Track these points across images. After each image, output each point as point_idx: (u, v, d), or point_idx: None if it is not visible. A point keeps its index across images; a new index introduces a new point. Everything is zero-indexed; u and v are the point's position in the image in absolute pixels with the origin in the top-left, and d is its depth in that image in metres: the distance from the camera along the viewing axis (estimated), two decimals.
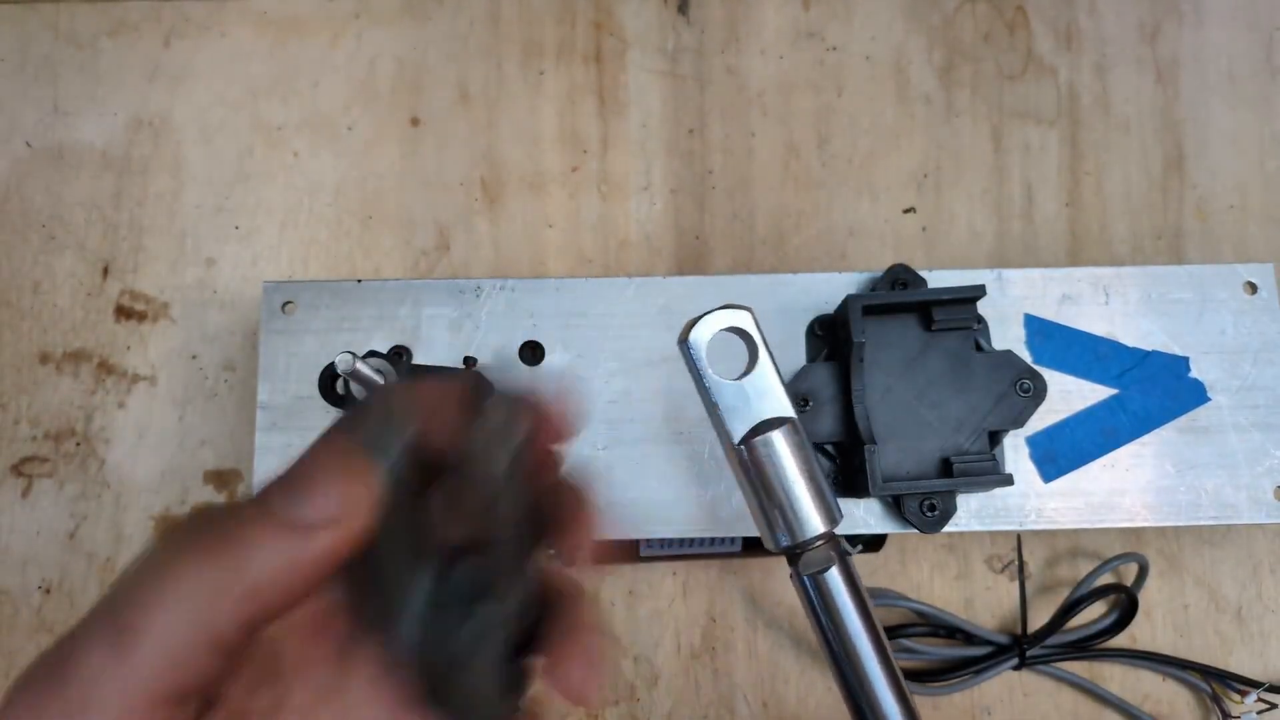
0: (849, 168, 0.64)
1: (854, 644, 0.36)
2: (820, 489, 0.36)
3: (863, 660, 0.36)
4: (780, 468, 0.35)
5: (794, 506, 0.35)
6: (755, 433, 0.35)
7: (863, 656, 0.36)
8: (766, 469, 0.35)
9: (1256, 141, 0.65)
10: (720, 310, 0.35)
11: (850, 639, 0.36)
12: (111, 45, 0.64)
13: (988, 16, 0.67)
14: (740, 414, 0.35)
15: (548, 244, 0.62)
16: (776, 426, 0.35)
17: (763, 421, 0.35)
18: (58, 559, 0.57)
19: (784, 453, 0.35)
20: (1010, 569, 0.59)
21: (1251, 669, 0.57)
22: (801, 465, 0.35)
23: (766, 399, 0.35)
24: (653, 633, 0.57)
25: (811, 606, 0.36)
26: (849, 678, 0.36)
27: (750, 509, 0.36)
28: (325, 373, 0.47)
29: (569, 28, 0.66)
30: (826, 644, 0.36)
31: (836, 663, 0.36)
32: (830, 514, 0.36)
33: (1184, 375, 0.50)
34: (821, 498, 0.36)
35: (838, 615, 0.36)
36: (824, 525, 0.35)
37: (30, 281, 0.60)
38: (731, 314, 0.35)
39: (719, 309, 0.35)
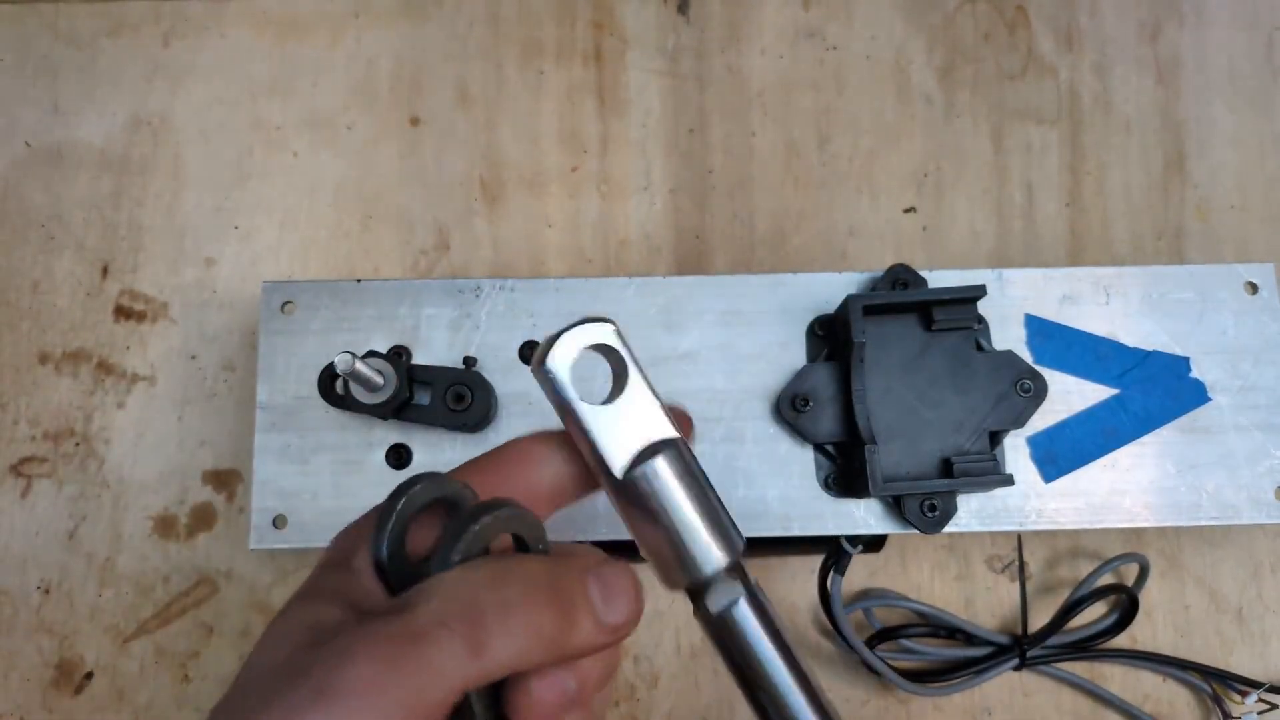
0: (849, 167, 0.64)
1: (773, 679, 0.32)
2: (717, 515, 0.32)
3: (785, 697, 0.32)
4: (670, 498, 0.31)
5: (690, 539, 0.31)
6: (637, 462, 0.30)
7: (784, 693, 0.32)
8: (654, 501, 0.31)
9: (1257, 141, 0.65)
10: (580, 326, 0.30)
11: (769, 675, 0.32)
12: (111, 45, 0.64)
13: (988, 16, 0.67)
14: (618, 443, 0.31)
15: (547, 244, 0.62)
16: (660, 451, 0.31)
17: (644, 449, 0.31)
18: (57, 559, 0.57)
19: (671, 480, 0.31)
20: (1011, 569, 0.59)
21: (1252, 669, 0.57)
22: (693, 492, 0.31)
23: (644, 422, 0.31)
24: (653, 632, 0.57)
25: (723, 646, 0.33)
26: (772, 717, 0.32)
27: (640, 548, 0.32)
28: (324, 373, 0.47)
29: (569, 27, 0.66)
30: (743, 683, 0.33)
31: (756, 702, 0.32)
32: (731, 542, 0.32)
33: (1185, 375, 0.50)
34: (719, 525, 0.32)
35: (751, 651, 0.32)
36: (726, 556, 0.31)
37: (29, 281, 0.60)
38: (593, 329, 0.31)
39: (577, 324, 0.31)
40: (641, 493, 0.31)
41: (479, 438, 0.48)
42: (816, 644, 0.57)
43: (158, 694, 0.56)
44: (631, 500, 0.31)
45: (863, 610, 0.56)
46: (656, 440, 0.31)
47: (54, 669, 0.56)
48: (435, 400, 0.46)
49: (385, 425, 0.48)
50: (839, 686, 0.57)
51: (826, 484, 0.48)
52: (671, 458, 0.31)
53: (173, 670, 0.56)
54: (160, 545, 0.57)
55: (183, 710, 0.55)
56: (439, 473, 0.30)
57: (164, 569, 0.57)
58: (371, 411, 0.45)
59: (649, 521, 0.31)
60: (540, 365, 0.30)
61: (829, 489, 0.48)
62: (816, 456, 0.48)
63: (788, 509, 0.48)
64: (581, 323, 0.31)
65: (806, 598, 0.58)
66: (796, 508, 0.48)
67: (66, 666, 0.56)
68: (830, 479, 0.48)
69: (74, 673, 0.56)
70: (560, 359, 0.30)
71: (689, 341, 0.49)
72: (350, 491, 0.47)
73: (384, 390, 0.45)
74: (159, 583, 0.57)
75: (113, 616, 0.56)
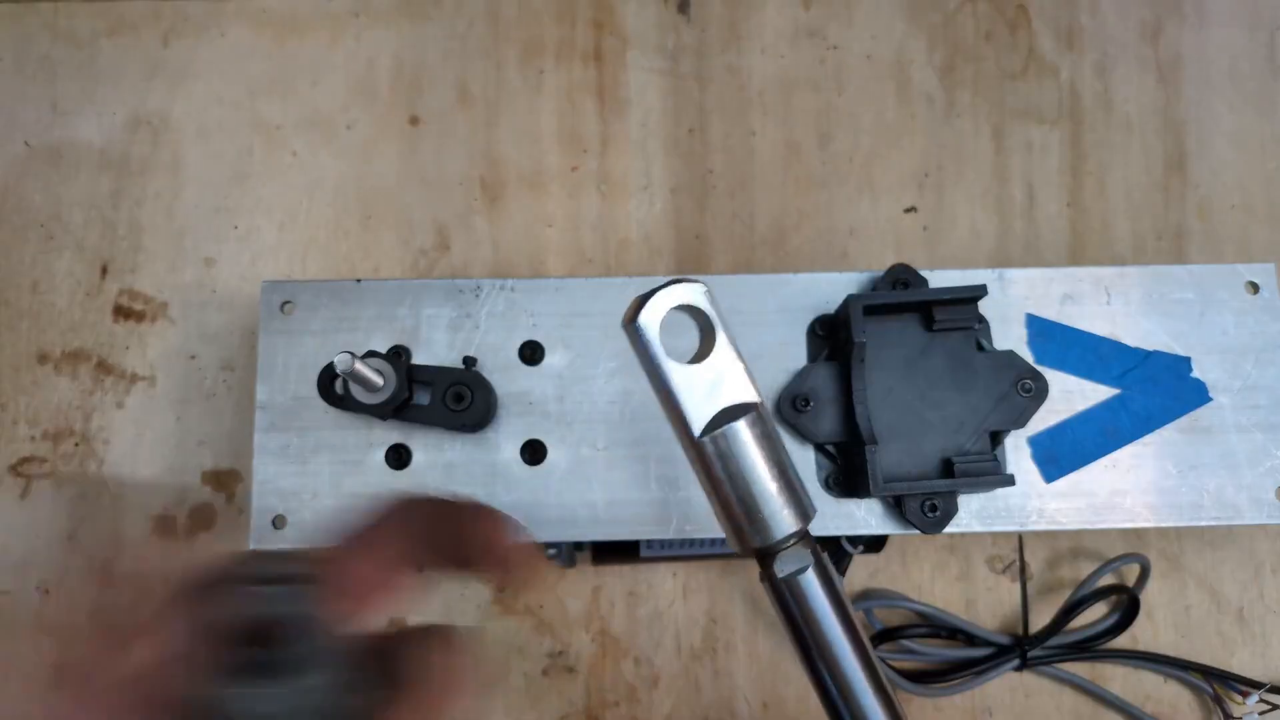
0: (850, 167, 0.64)
1: (834, 650, 0.32)
2: (791, 482, 0.32)
3: (844, 667, 0.32)
4: (747, 461, 0.31)
5: (764, 503, 0.31)
6: (717, 423, 0.31)
7: (843, 663, 0.32)
8: (732, 463, 0.31)
9: (1258, 141, 0.65)
10: (672, 285, 0.31)
11: (830, 644, 0.33)
12: (110, 44, 0.64)
13: (989, 15, 0.66)
14: (699, 403, 0.31)
15: (547, 244, 0.62)
16: (741, 415, 0.31)
17: (724, 409, 0.31)
18: (57, 560, 0.57)
19: (750, 444, 0.31)
20: (1011, 570, 0.59)
21: (1253, 670, 0.57)
22: (770, 457, 0.32)
23: (728, 384, 0.31)
24: (653, 634, 0.57)
25: (787, 612, 0.33)
26: (830, 686, 0.33)
27: (713, 508, 0.33)
28: (324, 373, 0.47)
29: (569, 27, 0.66)
30: (804, 651, 0.33)
31: (815, 671, 0.33)
32: (803, 510, 0.32)
33: (1186, 375, 0.50)
34: (793, 492, 0.32)
35: (815, 620, 0.33)
36: (797, 523, 0.32)
37: (29, 281, 0.60)
38: (685, 289, 0.31)
39: (670, 283, 0.31)
40: (720, 453, 0.31)
41: (479, 437, 0.48)
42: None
43: None
44: (709, 461, 0.31)
45: (864, 611, 0.56)
46: (739, 403, 0.31)
47: (54, 669, 0.56)
48: (435, 400, 0.46)
49: (385, 425, 0.48)
50: None
51: (827, 484, 0.48)
52: (752, 421, 0.31)
53: None
54: (159, 546, 0.57)
55: None
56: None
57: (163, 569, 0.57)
58: (371, 411, 0.45)
59: (724, 482, 0.31)
60: (631, 322, 0.30)
61: (830, 489, 0.48)
62: (817, 456, 0.48)
63: None
64: (673, 282, 0.31)
65: None
66: None
67: None
68: (831, 479, 0.48)
69: None
70: (650, 316, 0.30)
71: (689, 341, 0.49)
72: (350, 491, 0.47)
73: (384, 390, 0.45)
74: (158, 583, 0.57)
75: None
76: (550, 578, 0.58)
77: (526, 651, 0.57)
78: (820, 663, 0.33)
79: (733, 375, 0.32)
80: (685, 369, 0.31)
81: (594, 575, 0.58)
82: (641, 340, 0.30)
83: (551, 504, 0.47)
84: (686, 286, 0.31)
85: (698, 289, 0.31)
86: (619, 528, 0.47)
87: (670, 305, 0.31)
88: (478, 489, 0.47)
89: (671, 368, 0.31)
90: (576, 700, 0.56)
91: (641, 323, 0.30)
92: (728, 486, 0.32)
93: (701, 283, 0.31)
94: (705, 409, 0.31)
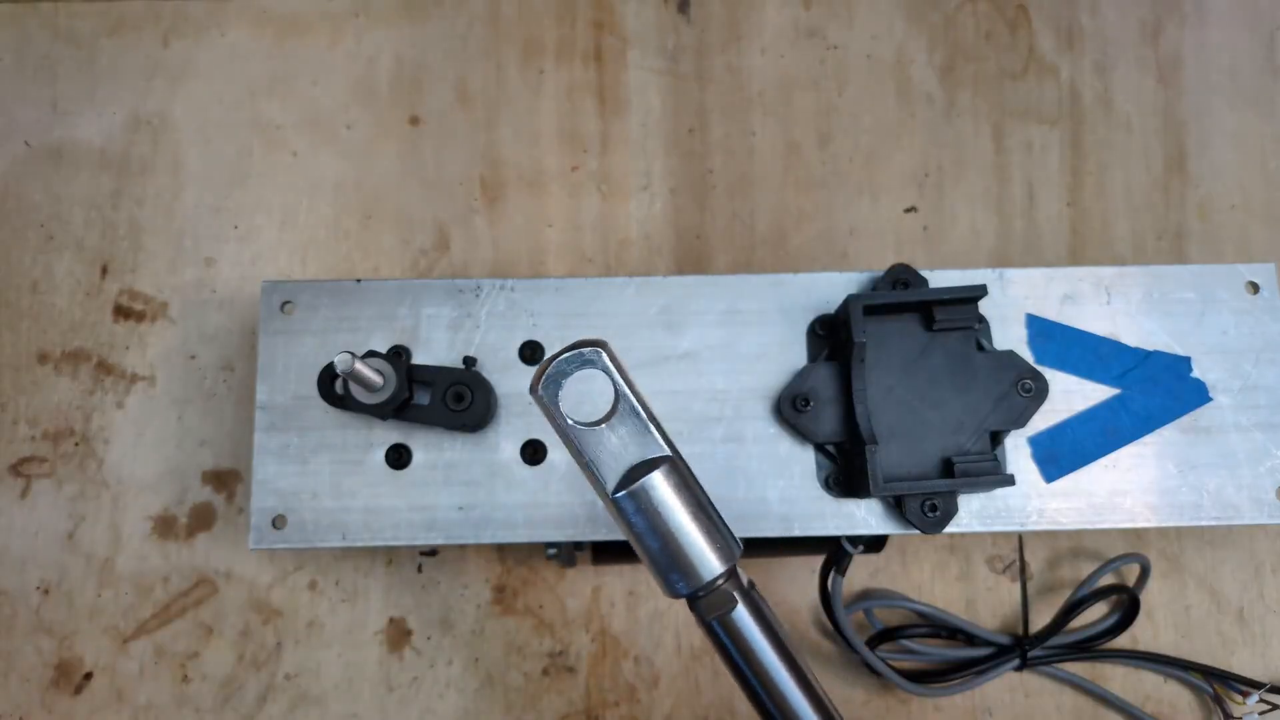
0: (850, 167, 0.64)
1: (773, 679, 0.34)
2: (712, 525, 0.33)
3: (785, 695, 0.34)
4: (665, 512, 0.32)
5: (686, 551, 0.33)
6: (631, 478, 0.32)
7: (784, 691, 0.34)
8: (650, 516, 0.32)
9: (1258, 141, 0.65)
10: (572, 350, 0.32)
11: (768, 674, 0.34)
12: (110, 44, 0.64)
13: (989, 16, 0.67)
14: (611, 462, 0.32)
15: (547, 243, 0.62)
16: (655, 468, 0.32)
17: (637, 465, 0.32)
18: (56, 559, 0.57)
19: (666, 496, 0.32)
20: (1011, 569, 0.59)
21: (1253, 670, 0.57)
22: (688, 505, 0.33)
23: (638, 441, 0.32)
24: (653, 633, 0.57)
25: (722, 649, 0.34)
26: (774, 715, 0.34)
27: (640, 557, 0.34)
28: (324, 373, 0.47)
29: (569, 27, 0.66)
30: (744, 684, 0.34)
31: (758, 702, 0.34)
32: (727, 549, 0.33)
33: (1186, 375, 0.50)
34: (715, 534, 0.33)
35: (751, 653, 0.34)
36: (722, 564, 0.33)
37: (29, 281, 0.60)
38: (585, 352, 0.32)
39: (570, 348, 0.32)
40: (638, 508, 0.32)
41: (479, 437, 0.48)
42: (817, 644, 0.57)
43: (157, 694, 0.55)
44: (628, 516, 0.33)
45: (864, 611, 0.56)
46: (650, 457, 0.33)
47: (53, 669, 0.56)
48: (435, 400, 0.46)
49: (385, 425, 0.48)
50: (840, 687, 0.57)
51: (827, 484, 0.48)
52: (665, 473, 0.32)
53: (172, 670, 0.56)
54: (159, 545, 0.57)
55: (182, 710, 0.55)
56: None
57: (163, 569, 0.57)
58: (371, 411, 0.45)
59: (645, 535, 0.33)
60: (535, 390, 0.32)
61: (830, 489, 0.48)
62: (817, 456, 0.48)
63: (788, 509, 0.48)
64: (574, 346, 0.32)
65: (807, 598, 0.58)
66: (797, 508, 0.48)
67: (66, 667, 0.56)
68: (831, 479, 0.48)
69: (73, 673, 0.56)
70: (553, 383, 0.32)
71: (689, 341, 0.49)
72: (350, 491, 0.47)
73: (384, 390, 0.45)
74: (158, 583, 0.57)
75: (112, 617, 0.56)
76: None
77: (526, 651, 0.57)
78: (762, 693, 0.34)
79: (642, 431, 0.33)
80: (594, 431, 0.32)
81: (594, 575, 0.58)
82: (547, 407, 0.32)
83: (551, 503, 0.47)
84: (588, 350, 0.32)
85: (598, 352, 0.32)
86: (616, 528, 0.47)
87: (574, 368, 0.32)
88: (478, 488, 0.47)
89: (580, 431, 0.32)
90: (576, 700, 0.56)
91: (544, 391, 0.32)
92: (649, 538, 0.33)
93: (602, 345, 0.32)
94: (617, 467, 0.32)
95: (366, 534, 0.47)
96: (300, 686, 0.56)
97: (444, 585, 0.58)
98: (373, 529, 0.47)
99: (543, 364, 0.32)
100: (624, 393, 0.33)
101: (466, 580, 0.58)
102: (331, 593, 0.57)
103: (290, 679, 0.56)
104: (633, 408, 0.33)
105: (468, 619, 0.57)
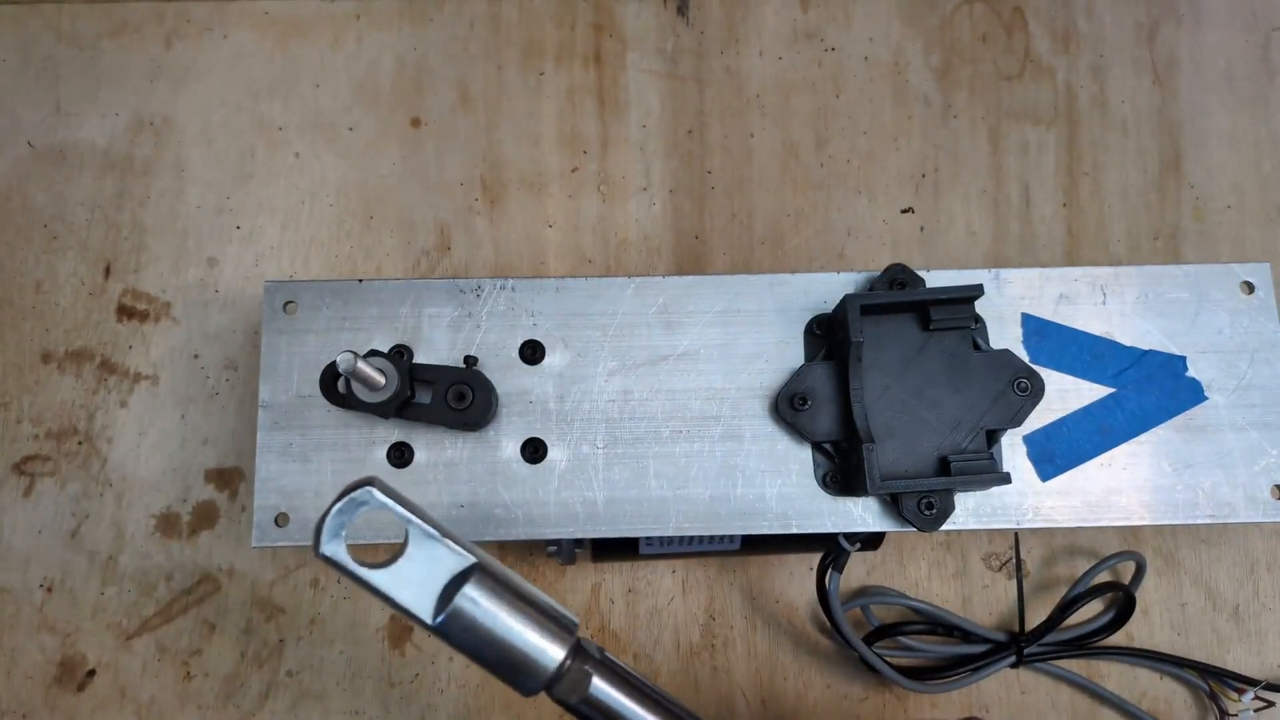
0: (847, 168, 0.64)
1: None
2: (539, 610, 0.33)
3: None
4: (490, 619, 0.32)
5: (524, 648, 0.32)
6: (445, 600, 0.32)
7: None
8: (478, 629, 0.32)
9: (1253, 142, 0.65)
10: (342, 500, 0.31)
11: None
12: (113, 46, 0.64)
13: (985, 17, 0.67)
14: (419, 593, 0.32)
15: (548, 244, 0.63)
16: (465, 580, 0.32)
17: (448, 583, 0.32)
18: (59, 558, 0.57)
19: (485, 601, 0.32)
20: (1008, 567, 0.59)
21: (1248, 667, 0.58)
22: (509, 601, 0.32)
23: (440, 559, 0.32)
24: (652, 630, 0.58)
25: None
26: None
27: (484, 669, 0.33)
28: (326, 372, 0.47)
29: (569, 29, 0.66)
30: None
31: None
32: (563, 629, 0.33)
33: (1181, 374, 0.50)
34: (546, 620, 0.33)
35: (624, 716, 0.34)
36: (562, 646, 0.33)
37: (32, 281, 0.61)
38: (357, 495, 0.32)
39: (339, 499, 0.32)
40: (462, 627, 0.32)
41: (480, 436, 0.48)
42: (815, 641, 0.58)
43: (160, 692, 0.56)
44: (455, 637, 0.32)
45: (861, 608, 0.56)
46: (455, 574, 0.32)
47: (56, 667, 0.56)
48: (436, 399, 0.46)
49: (387, 424, 0.48)
50: (836, 683, 0.57)
51: (825, 482, 0.48)
52: (476, 582, 0.32)
53: (175, 668, 0.56)
54: (162, 543, 0.58)
55: (185, 708, 0.56)
56: None
57: (166, 567, 0.57)
58: (373, 410, 0.46)
59: (480, 648, 0.32)
60: (316, 552, 0.31)
61: (827, 487, 0.48)
62: (815, 455, 0.49)
63: (786, 507, 0.48)
64: (342, 496, 0.32)
65: (805, 595, 0.58)
66: (795, 506, 0.48)
67: (69, 664, 0.56)
68: (828, 477, 0.48)
69: (76, 670, 0.56)
70: (334, 537, 0.31)
71: (688, 341, 0.50)
72: None
73: (385, 389, 0.45)
74: (161, 581, 0.57)
75: (115, 614, 0.57)
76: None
77: None
78: None
79: (440, 550, 0.32)
80: (393, 569, 0.32)
81: (594, 572, 0.58)
82: (334, 565, 0.31)
83: (552, 502, 0.48)
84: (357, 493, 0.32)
85: (367, 492, 0.32)
86: (618, 525, 0.48)
87: (348, 519, 0.31)
88: (479, 486, 0.48)
89: (379, 575, 0.32)
90: None
91: (327, 550, 0.31)
92: (485, 651, 0.32)
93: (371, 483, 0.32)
94: (428, 595, 0.32)
95: (368, 532, 0.47)
96: (303, 683, 0.56)
97: None
98: (374, 528, 0.47)
99: (318, 522, 0.31)
100: (408, 520, 0.32)
101: None
102: (334, 590, 0.57)
103: (293, 676, 0.56)
104: (423, 531, 0.32)
105: None
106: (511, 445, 0.48)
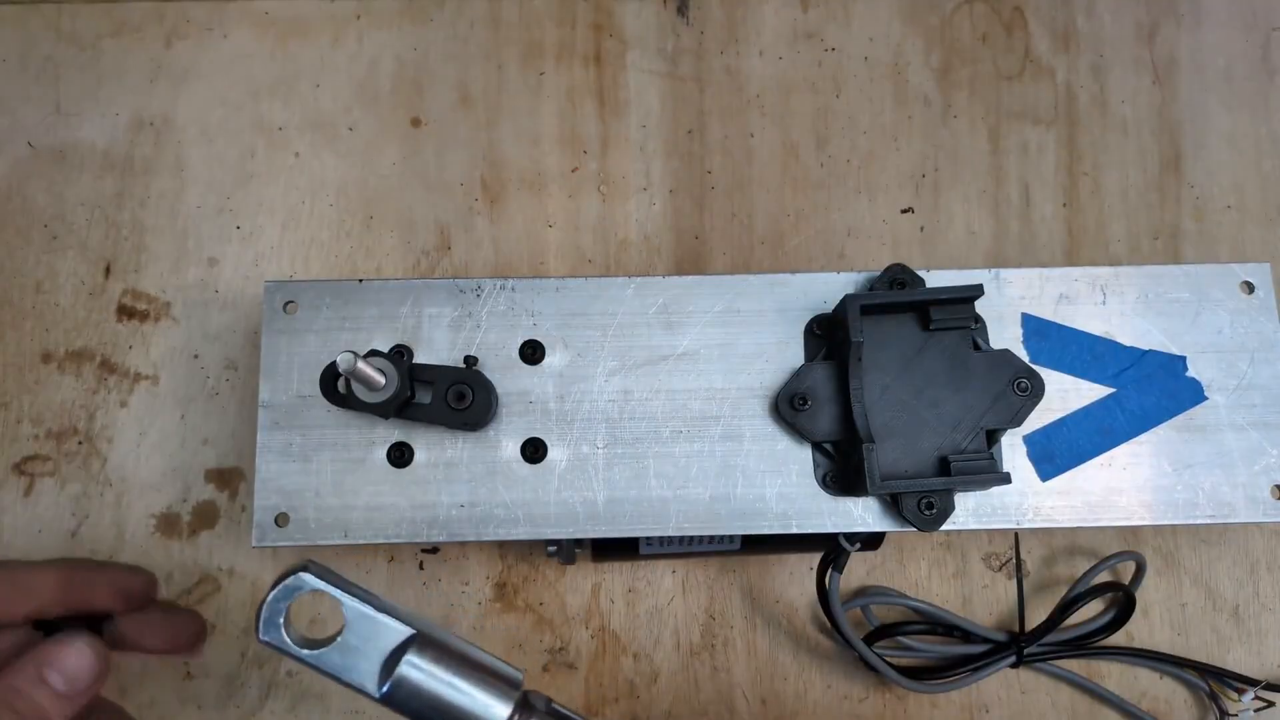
0: (847, 168, 0.64)
1: None
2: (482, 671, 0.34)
3: None
4: (435, 685, 0.34)
5: (472, 710, 0.34)
6: (388, 671, 0.33)
7: None
8: (423, 696, 0.34)
9: (1253, 142, 0.65)
10: (277, 587, 0.33)
11: None
12: (113, 46, 0.64)
13: (985, 17, 0.67)
14: (362, 668, 0.33)
15: (548, 244, 0.63)
16: (405, 651, 0.33)
17: (389, 656, 0.34)
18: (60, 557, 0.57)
19: (428, 669, 0.34)
20: (1008, 567, 0.59)
21: (1249, 667, 0.58)
22: (452, 666, 0.34)
23: (379, 633, 0.34)
24: (652, 630, 0.58)
25: None
26: None
27: None
28: (327, 372, 0.47)
29: (569, 29, 0.66)
30: None
31: None
32: (507, 686, 0.34)
33: (1181, 374, 0.50)
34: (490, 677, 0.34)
35: None
36: (507, 704, 0.34)
37: (32, 281, 0.61)
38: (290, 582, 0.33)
39: (275, 585, 0.33)
40: (408, 695, 0.33)
41: (480, 436, 0.48)
42: (815, 641, 0.58)
43: (159, 691, 0.56)
44: (403, 707, 0.34)
45: (861, 608, 0.56)
46: (395, 646, 0.34)
47: None
48: (436, 399, 0.46)
49: (387, 424, 0.48)
50: (836, 683, 0.57)
51: (825, 482, 0.48)
52: (416, 652, 0.34)
53: (174, 667, 0.56)
54: (163, 544, 0.58)
55: (185, 707, 0.56)
56: None
57: (166, 567, 0.57)
58: (373, 410, 0.46)
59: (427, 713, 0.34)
60: (259, 638, 0.33)
61: (827, 487, 0.48)
62: (815, 455, 0.49)
63: (786, 507, 0.48)
64: (276, 584, 0.33)
65: (805, 595, 0.58)
66: (795, 506, 0.48)
67: None
68: (828, 477, 0.48)
69: None
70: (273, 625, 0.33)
71: (688, 341, 0.50)
72: (352, 490, 0.48)
73: (386, 389, 0.45)
74: (161, 581, 0.57)
75: None
76: None
77: (527, 647, 0.57)
78: None
79: (377, 625, 0.34)
80: (335, 648, 0.34)
81: (594, 572, 0.58)
82: (278, 649, 0.33)
83: (552, 501, 0.48)
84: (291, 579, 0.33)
85: (299, 578, 0.34)
86: (618, 525, 0.48)
87: (284, 605, 0.33)
88: (479, 486, 0.48)
89: (322, 656, 0.33)
90: (576, 696, 0.57)
91: (267, 637, 0.33)
92: (433, 715, 0.34)
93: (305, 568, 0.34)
94: (372, 669, 0.34)
95: (368, 532, 0.47)
96: (303, 684, 0.56)
97: (445, 583, 0.58)
98: (375, 527, 0.47)
99: (256, 611, 0.33)
100: (344, 600, 0.34)
101: (467, 577, 0.58)
102: None
103: (292, 676, 0.56)
104: (358, 611, 0.34)
105: (469, 616, 0.58)
106: (511, 445, 0.48)
